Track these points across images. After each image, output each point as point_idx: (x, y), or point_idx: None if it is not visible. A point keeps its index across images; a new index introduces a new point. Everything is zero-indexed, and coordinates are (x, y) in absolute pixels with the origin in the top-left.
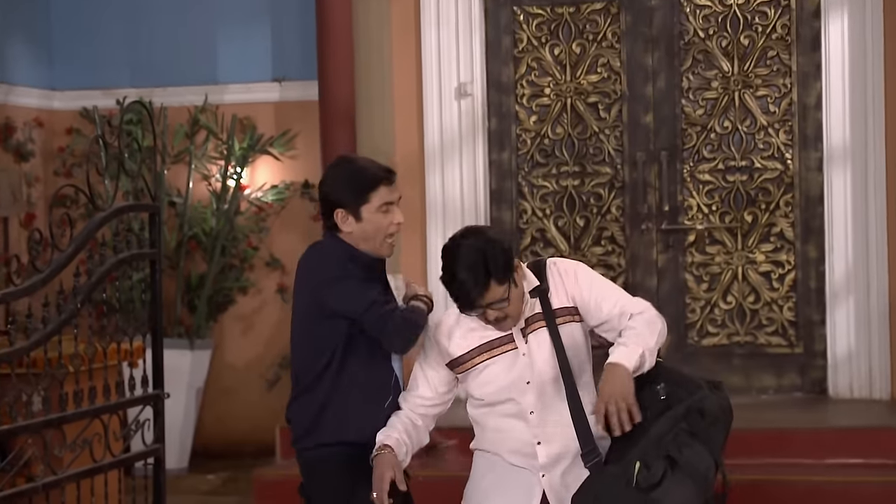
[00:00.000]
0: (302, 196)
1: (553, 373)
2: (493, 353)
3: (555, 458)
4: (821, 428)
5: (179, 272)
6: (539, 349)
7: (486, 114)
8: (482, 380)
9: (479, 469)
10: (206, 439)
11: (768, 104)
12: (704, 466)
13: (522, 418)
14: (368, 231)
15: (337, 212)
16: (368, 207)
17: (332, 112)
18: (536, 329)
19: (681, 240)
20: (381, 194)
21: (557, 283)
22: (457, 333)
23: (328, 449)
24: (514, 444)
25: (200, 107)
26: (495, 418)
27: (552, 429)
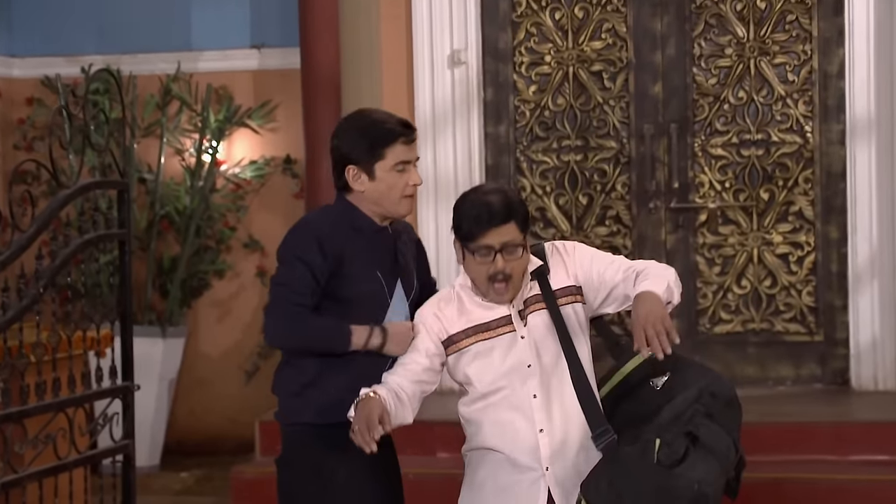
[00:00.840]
0: (283, 172)
1: (554, 356)
2: (489, 335)
3: (558, 447)
4: (843, 422)
5: (150, 254)
6: (539, 331)
7: (482, 83)
8: (479, 367)
9: (476, 476)
10: (180, 435)
11: (786, 72)
12: (724, 445)
13: (524, 405)
14: (382, 190)
15: (349, 168)
16: (383, 165)
17: (316, 81)
18: (535, 311)
19: (691, 219)
20: (397, 151)
21: (557, 264)
22: (449, 312)
23: (305, 428)
24: (516, 435)
25: (173, 75)
26: (494, 411)
27: (556, 415)
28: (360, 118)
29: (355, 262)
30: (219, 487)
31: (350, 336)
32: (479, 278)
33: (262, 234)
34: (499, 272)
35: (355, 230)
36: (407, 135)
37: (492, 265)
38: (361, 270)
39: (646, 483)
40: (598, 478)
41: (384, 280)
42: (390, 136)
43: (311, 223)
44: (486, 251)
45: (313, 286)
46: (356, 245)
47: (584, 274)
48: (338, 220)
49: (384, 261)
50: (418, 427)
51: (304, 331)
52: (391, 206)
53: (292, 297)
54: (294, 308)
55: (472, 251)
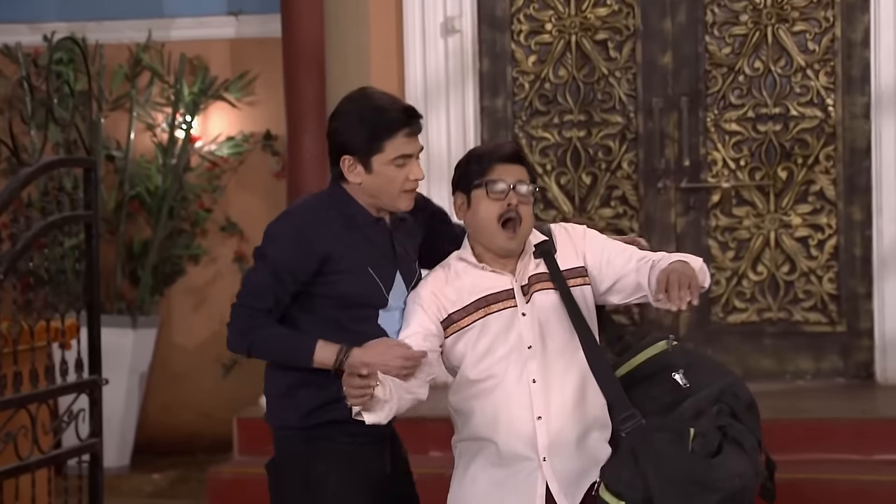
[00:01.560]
0: (263, 149)
1: (561, 338)
2: (490, 309)
3: (556, 437)
4: (866, 419)
5: (120, 238)
6: (545, 311)
7: (478, 53)
8: (476, 347)
9: (468, 470)
10: (152, 433)
11: (807, 41)
12: (749, 445)
13: (521, 391)
14: (379, 184)
15: (344, 159)
16: (381, 158)
17: (298, 50)
18: (542, 290)
19: (703, 200)
20: (397, 144)
21: (565, 243)
22: (448, 290)
23: (294, 432)
24: (511, 423)
25: (143, 44)
26: (488, 397)
27: (555, 402)
28: (361, 101)
29: (344, 259)
30: (194, 489)
31: (312, 352)
32: (487, 222)
33: (240, 217)
34: (511, 209)
35: (347, 223)
36: (410, 126)
37: (504, 203)
38: (352, 269)
39: (679, 471)
40: (623, 462)
41: (379, 276)
42: (391, 127)
43: (294, 216)
44: (498, 185)
45: (280, 290)
46: (347, 240)
47: (593, 258)
48: (328, 212)
49: (379, 255)
50: (408, 423)
51: (258, 342)
52: (388, 201)
53: (251, 300)
54: (250, 314)
55: (485, 185)
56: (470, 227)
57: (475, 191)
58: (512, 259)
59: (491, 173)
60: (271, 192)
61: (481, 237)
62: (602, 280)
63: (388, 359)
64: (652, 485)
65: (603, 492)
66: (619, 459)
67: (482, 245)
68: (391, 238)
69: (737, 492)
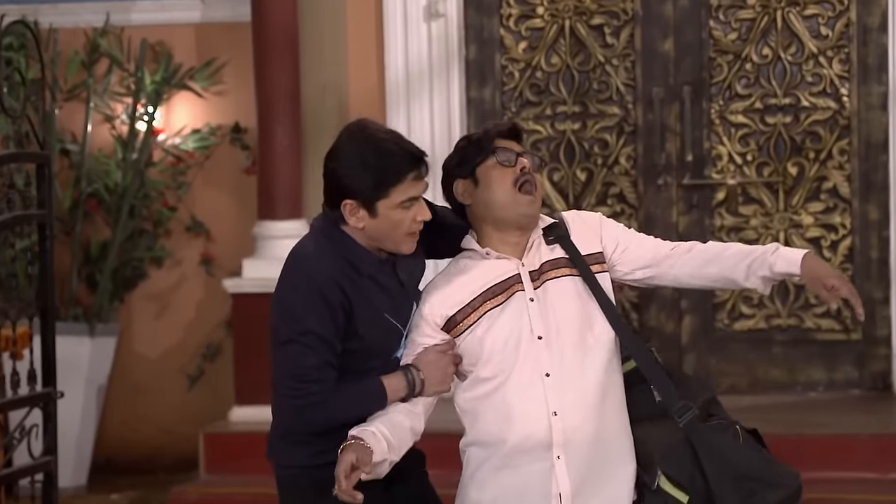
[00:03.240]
0: (231, 143)
1: (575, 327)
2: (496, 301)
3: (572, 434)
4: (885, 434)
5: (76, 239)
6: (560, 299)
7: (464, 39)
8: (487, 345)
9: (476, 476)
10: (111, 450)
11: (819, 26)
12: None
13: (534, 385)
14: (384, 229)
15: (345, 203)
16: (387, 203)
17: (269, 36)
18: (557, 276)
19: (707, 198)
20: (405, 189)
21: (580, 229)
22: (448, 292)
23: (298, 472)
24: (524, 419)
25: (101, 29)
26: (498, 394)
27: (570, 397)
28: (363, 142)
29: (363, 309)
30: None
31: (385, 397)
32: (503, 191)
33: (206, 216)
34: (525, 171)
35: (356, 270)
36: (419, 170)
37: (515, 169)
38: (370, 318)
39: (738, 465)
40: (683, 453)
41: (394, 317)
42: (399, 173)
43: (310, 273)
44: (507, 153)
45: (330, 358)
46: (361, 289)
47: (615, 242)
48: (336, 260)
49: (389, 298)
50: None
51: (334, 415)
52: (391, 245)
53: (313, 386)
54: (318, 398)
55: (493, 153)
56: (480, 206)
57: (481, 166)
58: (521, 242)
59: (496, 143)
60: (241, 189)
61: (497, 210)
62: (624, 264)
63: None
64: (710, 479)
65: (664, 483)
66: (679, 451)
67: (494, 223)
68: (398, 277)
69: (798, 491)
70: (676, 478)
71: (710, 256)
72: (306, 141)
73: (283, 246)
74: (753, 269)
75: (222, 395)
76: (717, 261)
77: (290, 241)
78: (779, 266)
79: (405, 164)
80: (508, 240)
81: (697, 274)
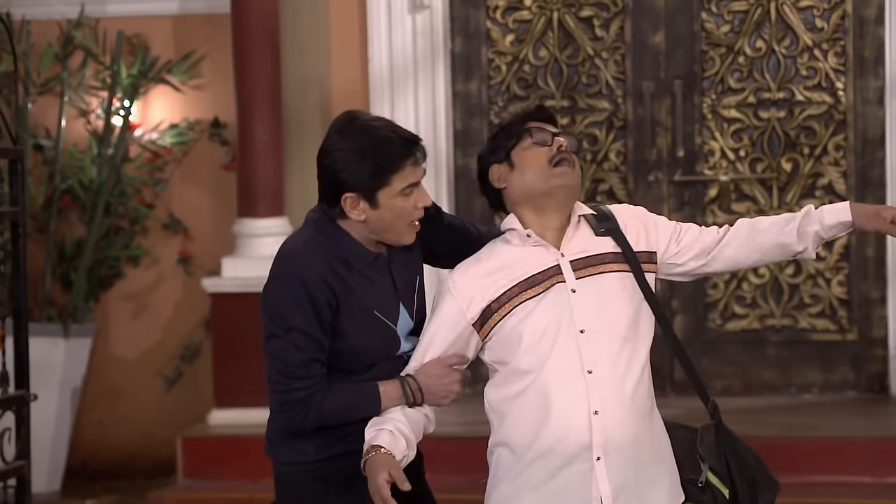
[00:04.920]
0: (210, 138)
1: (624, 325)
2: (536, 290)
3: (612, 434)
4: (881, 437)
5: (50, 237)
6: (608, 294)
7: (449, 32)
8: (525, 337)
9: (509, 480)
10: (86, 454)
11: (814, 18)
12: None
13: (575, 382)
14: (387, 219)
15: (345, 197)
16: (388, 192)
17: (249, 28)
18: (605, 272)
19: (699, 194)
20: (405, 175)
21: (632, 224)
22: (479, 289)
23: (299, 468)
24: (564, 418)
25: (75, 20)
26: (535, 392)
27: (611, 396)
28: (356, 135)
29: (352, 306)
30: None
31: (378, 403)
32: (539, 168)
33: (184, 213)
34: (562, 151)
35: (345, 265)
36: (416, 154)
37: (552, 147)
38: (360, 316)
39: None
40: (717, 450)
41: (386, 315)
42: (398, 159)
43: (297, 269)
44: (543, 133)
45: (316, 355)
46: (350, 285)
47: (665, 241)
48: (326, 256)
49: (381, 295)
50: None
51: (323, 416)
52: (394, 237)
53: (297, 383)
54: (304, 395)
55: (528, 133)
56: (517, 188)
57: (516, 148)
58: (561, 227)
59: (531, 124)
60: (220, 185)
61: (533, 188)
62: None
63: (448, 382)
64: (735, 478)
65: (712, 478)
66: (715, 448)
67: (532, 204)
68: (391, 275)
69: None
70: (718, 472)
71: (759, 227)
72: (287, 136)
73: (263, 244)
74: (804, 229)
75: (201, 398)
76: (766, 230)
77: (270, 238)
78: (828, 218)
79: (403, 149)
80: (548, 224)
81: (753, 247)
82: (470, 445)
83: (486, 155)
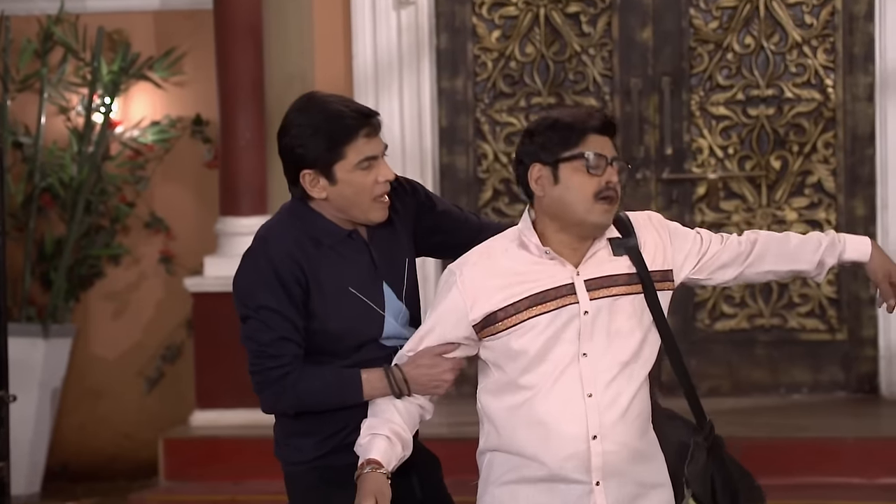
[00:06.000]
0: (193, 135)
1: (629, 350)
2: (546, 307)
3: (611, 458)
4: (871, 438)
5: (29, 235)
6: (617, 318)
7: (435, 28)
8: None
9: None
10: (66, 456)
11: (803, 14)
12: None
13: (574, 405)
14: (348, 195)
15: (304, 174)
16: (344, 165)
17: (231, 24)
18: (618, 294)
19: (688, 192)
20: (359, 147)
21: (651, 240)
22: (487, 290)
23: (307, 468)
24: (561, 441)
25: (55, 16)
26: (532, 408)
27: (611, 419)
28: (309, 110)
29: (323, 285)
30: None
31: (360, 390)
32: (582, 198)
33: (166, 211)
34: (610, 186)
35: (316, 243)
36: (370, 124)
37: (602, 179)
38: (334, 294)
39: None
40: (704, 474)
41: (366, 294)
42: (350, 130)
43: (265, 249)
44: (600, 160)
45: (287, 334)
46: (321, 262)
47: (682, 257)
48: (296, 235)
49: (357, 272)
50: None
51: (298, 398)
52: (360, 214)
53: (268, 362)
54: (275, 374)
55: (583, 158)
56: (554, 203)
57: (566, 164)
58: (582, 248)
59: (585, 144)
60: (202, 183)
61: (569, 215)
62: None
63: (438, 372)
64: (720, 498)
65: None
66: (703, 472)
67: (561, 223)
68: (369, 252)
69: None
70: (701, 498)
71: (780, 252)
72: (270, 133)
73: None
74: (823, 260)
75: (183, 399)
76: (788, 256)
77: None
78: (847, 254)
79: (355, 121)
80: (570, 243)
81: (770, 271)
82: (457, 447)
83: (534, 150)
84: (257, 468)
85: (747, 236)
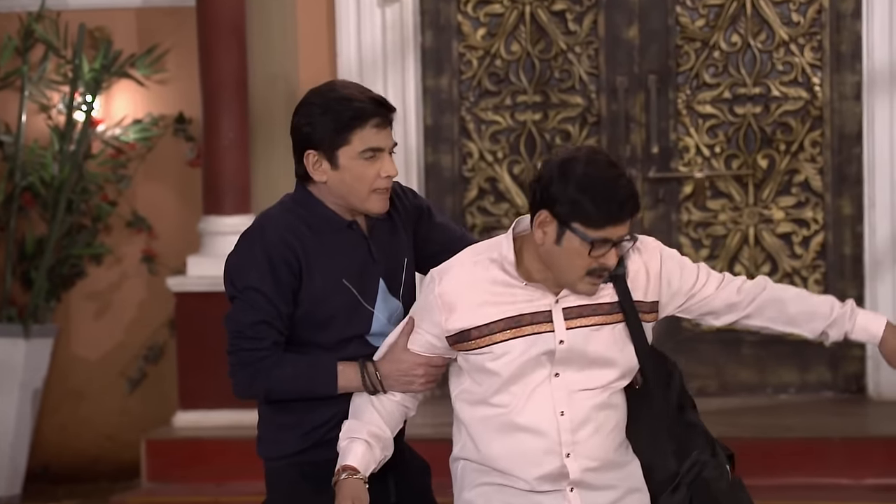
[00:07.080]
0: (175, 134)
1: (606, 377)
2: (521, 331)
3: (584, 476)
4: (858, 438)
5: (10, 235)
6: (594, 346)
7: (419, 26)
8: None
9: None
10: (47, 457)
11: (790, 12)
12: None
13: (546, 424)
14: (347, 182)
15: (308, 154)
16: (348, 151)
17: (215, 21)
18: (597, 325)
19: (674, 191)
20: (366, 136)
21: (639, 269)
22: (464, 304)
23: (287, 462)
24: (536, 458)
25: (36, 13)
26: (506, 424)
27: (584, 436)
28: (325, 92)
29: (316, 272)
30: None
31: (334, 382)
32: (573, 269)
33: (148, 211)
34: (606, 268)
35: (313, 229)
36: (381, 115)
37: (600, 260)
38: (325, 283)
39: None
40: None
41: (357, 288)
42: (360, 116)
43: (251, 237)
44: (603, 245)
45: (269, 318)
46: (316, 250)
47: (668, 293)
48: (289, 220)
49: (353, 264)
50: None
51: (270, 383)
52: (357, 203)
53: (245, 343)
54: (251, 357)
55: (589, 240)
56: (547, 254)
57: (571, 233)
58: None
59: (604, 229)
60: (184, 182)
61: (556, 272)
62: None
63: (408, 367)
64: None
65: None
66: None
67: (548, 268)
68: (368, 244)
69: None
70: None
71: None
72: (254, 132)
73: (229, 242)
74: (827, 332)
75: (165, 400)
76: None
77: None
78: (856, 335)
79: (366, 108)
80: (552, 278)
81: (766, 327)
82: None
83: (551, 196)
84: (240, 469)
85: (752, 287)
